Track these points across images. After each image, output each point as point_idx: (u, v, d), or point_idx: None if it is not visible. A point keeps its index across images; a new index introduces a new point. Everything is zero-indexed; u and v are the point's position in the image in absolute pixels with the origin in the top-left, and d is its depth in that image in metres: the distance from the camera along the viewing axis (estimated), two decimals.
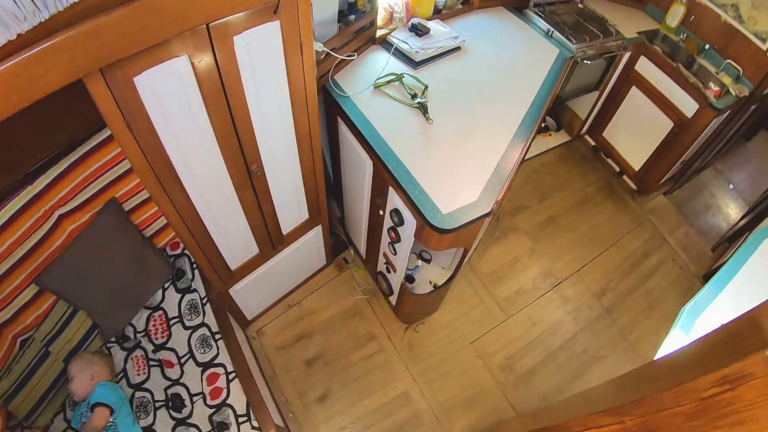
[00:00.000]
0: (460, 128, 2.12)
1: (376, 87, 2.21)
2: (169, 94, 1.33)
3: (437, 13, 2.59)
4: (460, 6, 2.69)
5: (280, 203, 2.02)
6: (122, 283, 2.13)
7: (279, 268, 2.45)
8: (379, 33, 2.40)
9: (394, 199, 2.01)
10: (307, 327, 2.84)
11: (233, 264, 2.12)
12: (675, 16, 3.19)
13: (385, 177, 2.00)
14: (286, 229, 2.22)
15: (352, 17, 2.19)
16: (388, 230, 2.20)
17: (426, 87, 2.21)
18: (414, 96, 2.18)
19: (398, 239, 2.15)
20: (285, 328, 2.83)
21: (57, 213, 1.93)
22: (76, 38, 1.02)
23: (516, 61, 2.52)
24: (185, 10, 1.11)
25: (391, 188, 2.00)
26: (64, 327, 2.08)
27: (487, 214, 1.86)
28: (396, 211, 2.03)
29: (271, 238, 2.17)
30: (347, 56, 2.15)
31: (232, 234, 1.95)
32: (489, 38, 2.61)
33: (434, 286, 2.57)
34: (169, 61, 1.26)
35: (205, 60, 1.32)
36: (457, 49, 2.46)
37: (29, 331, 2.02)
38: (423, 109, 2.13)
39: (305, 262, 2.72)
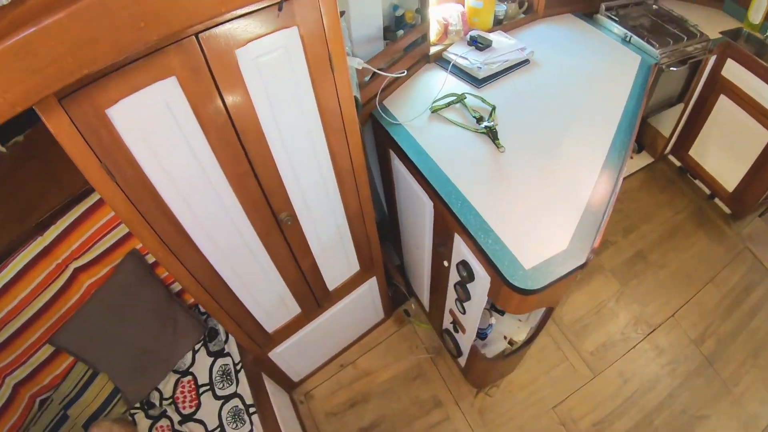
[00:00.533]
0: (539, 156, 1.71)
1: (434, 111, 1.85)
2: (158, 130, 1.02)
3: (498, 25, 2.24)
4: (522, 16, 2.32)
5: (322, 255, 1.68)
6: (147, 344, 1.87)
7: (328, 326, 2.10)
8: (433, 49, 2.06)
9: (461, 249, 1.62)
10: (363, 390, 2.47)
11: (270, 326, 1.80)
12: (758, 10, 2.61)
13: (448, 221, 1.61)
14: (332, 284, 1.88)
15: (401, 32, 1.85)
16: (455, 286, 1.79)
17: (493, 108, 1.84)
18: (480, 119, 1.80)
19: (467, 297, 1.74)
20: (337, 392, 2.46)
21: (72, 266, 1.74)
22: None
23: (594, 73, 2.10)
24: (147, 12, 0.78)
25: (457, 235, 1.61)
26: (84, 389, 1.87)
27: (581, 266, 1.43)
28: (464, 264, 1.63)
29: (315, 296, 1.83)
30: (397, 74, 1.79)
31: (264, 294, 1.63)
32: (560, 48, 2.21)
33: (509, 342, 2.15)
34: (151, 87, 0.95)
35: (200, 83, 1.00)
36: (526, 62, 2.09)
37: (48, 392, 1.86)
38: (492, 134, 1.74)
39: (359, 318, 2.36)
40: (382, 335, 2.62)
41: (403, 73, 1.84)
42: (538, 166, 1.67)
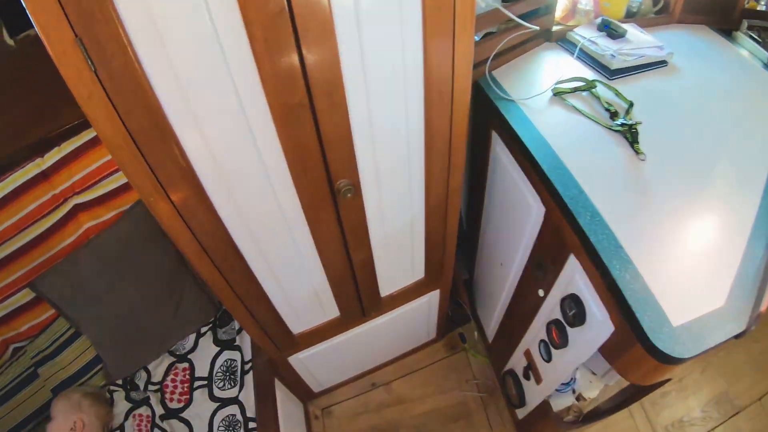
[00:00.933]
0: (686, 176, 1.24)
1: (557, 94, 1.43)
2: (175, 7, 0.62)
3: (630, 18, 1.88)
4: (653, 16, 1.94)
5: (382, 250, 1.26)
6: (143, 314, 1.54)
7: (368, 338, 1.68)
8: (555, 27, 1.69)
9: (575, 279, 1.16)
10: (392, 420, 2.03)
11: (296, 327, 1.39)
12: None
13: (566, 237, 1.16)
14: (387, 289, 1.45)
15: None
16: (548, 324, 1.34)
17: (631, 104, 1.41)
18: (614, 115, 1.37)
19: (563, 344, 1.29)
20: (362, 414, 2.04)
21: (73, 201, 1.45)
22: None
23: (739, 94, 1.64)
24: None
25: (573, 258, 1.16)
26: (61, 349, 1.59)
27: (740, 335, 0.98)
28: (574, 300, 1.17)
29: (361, 300, 1.41)
30: (530, 26, 1.39)
31: (295, 286, 1.22)
32: (697, 59, 1.77)
33: (577, 398, 1.69)
34: None
35: None
36: (663, 63, 1.67)
37: (23, 340, 1.61)
38: (630, 135, 1.29)
39: (406, 334, 1.92)
40: (428, 359, 2.18)
41: (535, 29, 1.41)
42: (686, 188, 1.21)
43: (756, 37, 1.97)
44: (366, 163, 0.97)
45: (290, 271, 1.15)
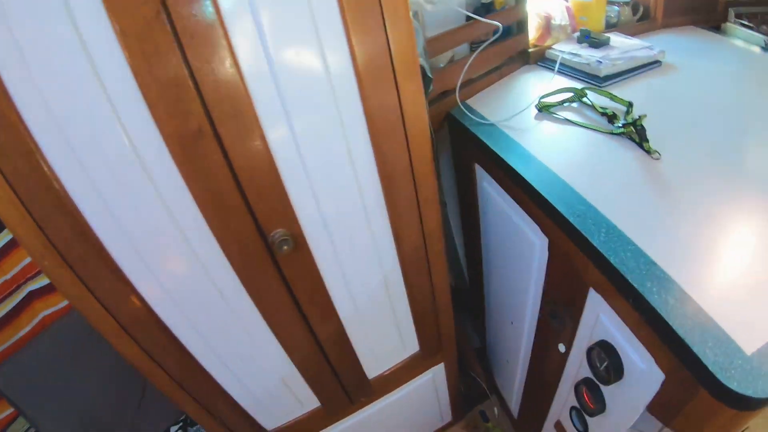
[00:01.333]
0: (716, 168, 1.08)
1: (542, 109, 1.32)
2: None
3: (610, 29, 1.84)
4: (635, 24, 1.90)
5: (354, 320, 1.07)
6: (105, 414, 1.39)
7: (366, 429, 1.45)
8: (532, 49, 1.64)
9: (601, 321, 0.96)
10: None
11: (269, 423, 1.19)
12: None
13: (578, 268, 0.97)
14: (374, 369, 1.25)
15: None
16: (577, 386, 1.11)
17: (630, 104, 1.28)
18: (612, 118, 1.25)
19: (599, 408, 1.05)
20: None
21: (27, 288, 1.35)
22: None
23: (747, 78, 1.52)
24: None
25: (593, 293, 0.96)
26: None
27: None
28: (604, 349, 0.96)
29: (343, 386, 1.20)
30: (493, 22, 1.29)
31: (254, 375, 1.04)
32: (693, 55, 1.68)
33: None
34: None
35: None
36: (656, 63, 1.59)
37: None
38: (637, 134, 1.14)
39: (414, 418, 1.66)
40: None
41: (498, 24, 1.28)
42: (718, 181, 1.04)
43: (747, 23, 1.92)
44: (303, 203, 0.81)
45: (241, 355, 0.97)
